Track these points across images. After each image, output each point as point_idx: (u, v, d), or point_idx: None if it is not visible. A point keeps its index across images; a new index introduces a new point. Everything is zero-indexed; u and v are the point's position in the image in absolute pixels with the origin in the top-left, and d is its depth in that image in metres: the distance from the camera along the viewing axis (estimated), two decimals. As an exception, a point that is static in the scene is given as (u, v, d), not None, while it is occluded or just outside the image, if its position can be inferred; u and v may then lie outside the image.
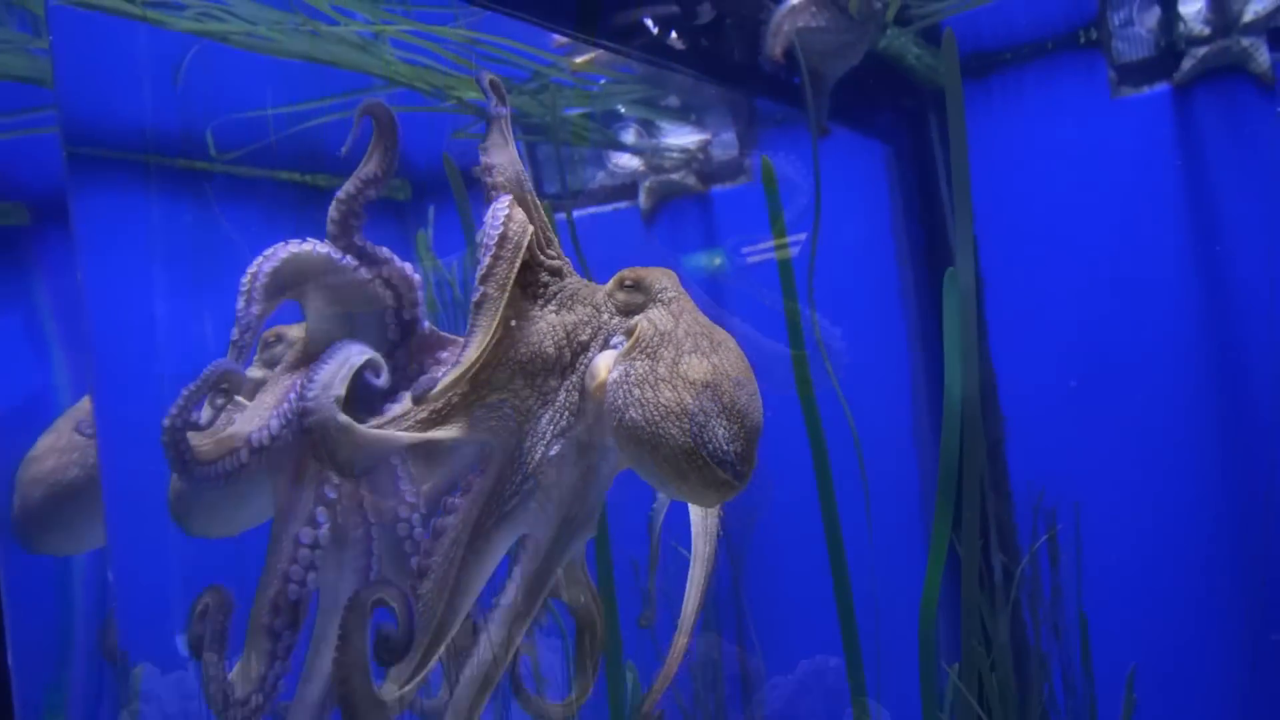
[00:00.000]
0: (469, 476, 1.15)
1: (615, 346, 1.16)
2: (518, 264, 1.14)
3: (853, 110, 3.07)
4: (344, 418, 1.06)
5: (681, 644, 1.23)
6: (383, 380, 1.16)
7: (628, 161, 3.53)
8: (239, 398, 1.18)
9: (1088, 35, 3.22)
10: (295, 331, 1.27)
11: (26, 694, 1.45)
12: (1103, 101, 3.23)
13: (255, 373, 1.28)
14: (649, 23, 2.27)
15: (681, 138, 3.49)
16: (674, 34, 2.36)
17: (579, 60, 2.92)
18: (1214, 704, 3.15)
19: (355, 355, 1.13)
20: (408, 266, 1.22)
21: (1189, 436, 3.17)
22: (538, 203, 1.19)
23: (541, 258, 1.19)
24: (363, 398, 1.17)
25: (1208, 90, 3.11)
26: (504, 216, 1.15)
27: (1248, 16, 3.00)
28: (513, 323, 1.15)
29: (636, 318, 1.16)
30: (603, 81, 3.16)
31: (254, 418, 1.14)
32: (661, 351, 1.10)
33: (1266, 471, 3.09)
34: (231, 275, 1.17)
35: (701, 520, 1.26)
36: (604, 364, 1.14)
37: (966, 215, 2.08)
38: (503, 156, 1.20)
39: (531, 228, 1.17)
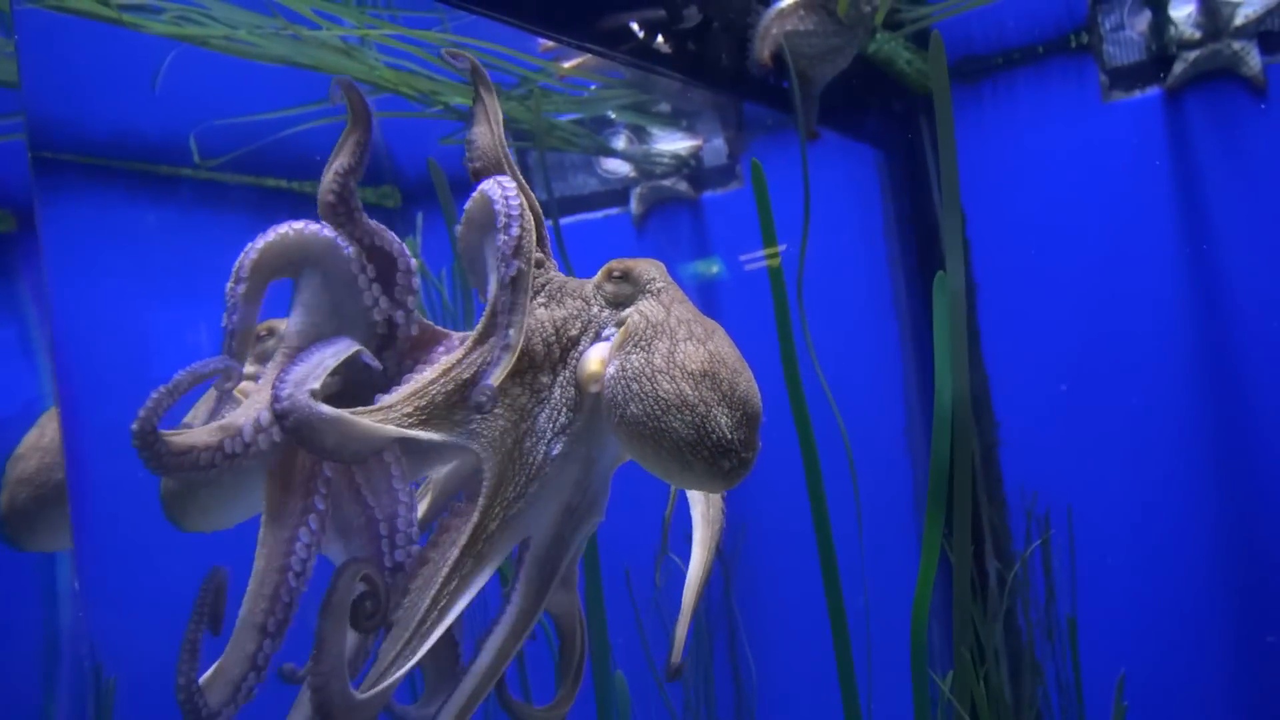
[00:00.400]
0: (471, 483, 1.12)
1: (606, 339, 1.13)
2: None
3: (843, 114, 3.07)
4: (324, 408, 1.03)
5: (692, 599, 1.20)
6: (373, 367, 1.14)
7: (619, 167, 3.52)
8: (236, 393, 1.16)
9: (1079, 39, 3.22)
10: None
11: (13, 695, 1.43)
12: (1094, 105, 3.23)
13: (249, 368, 1.26)
14: (635, 26, 2.26)
15: (672, 143, 3.49)
16: (660, 38, 2.35)
17: (568, 65, 2.91)
18: (1205, 709, 3.14)
19: (330, 357, 1.10)
20: (413, 262, 1.19)
21: (1181, 440, 3.16)
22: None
23: None
24: (347, 395, 1.15)
25: (1199, 94, 3.11)
26: (516, 187, 1.12)
27: (1238, 20, 3.00)
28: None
29: (627, 310, 1.14)
30: (593, 87, 3.16)
31: (241, 416, 1.12)
32: (655, 343, 1.08)
33: (1258, 475, 3.08)
34: (210, 279, 1.15)
35: (704, 496, 1.24)
36: (597, 357, 1.12)
37: (956, 219, 2.07)
38: (484, 136, 1.18)
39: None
